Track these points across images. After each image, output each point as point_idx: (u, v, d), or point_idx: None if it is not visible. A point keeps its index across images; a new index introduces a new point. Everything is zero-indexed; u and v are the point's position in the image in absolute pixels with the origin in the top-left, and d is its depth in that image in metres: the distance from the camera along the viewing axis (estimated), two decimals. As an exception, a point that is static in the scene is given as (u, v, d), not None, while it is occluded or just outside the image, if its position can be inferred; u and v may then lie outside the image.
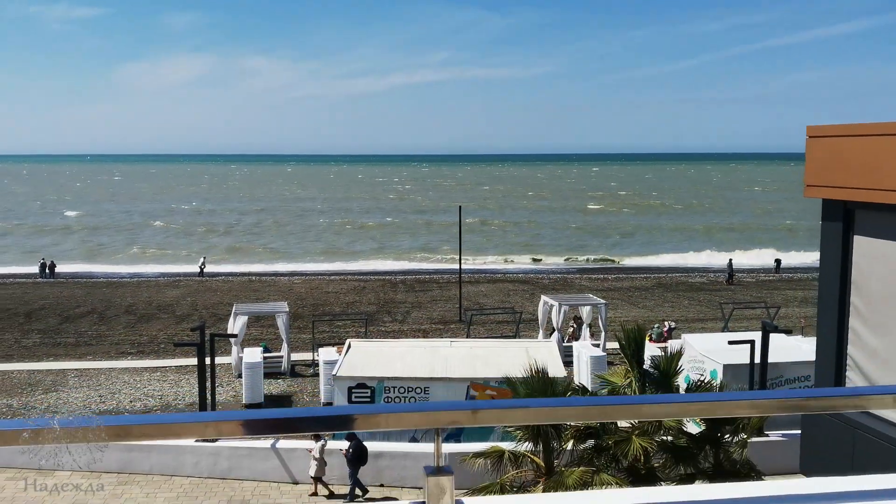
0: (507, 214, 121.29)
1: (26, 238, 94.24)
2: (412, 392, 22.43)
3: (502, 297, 49.56)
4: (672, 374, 15.84)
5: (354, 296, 50.71)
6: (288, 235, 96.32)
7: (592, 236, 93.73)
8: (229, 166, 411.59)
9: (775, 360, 22.53)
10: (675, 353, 15.87)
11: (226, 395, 28.39)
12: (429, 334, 38.82)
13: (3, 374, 31.50)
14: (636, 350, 15.94)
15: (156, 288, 54.35)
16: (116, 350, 35.98)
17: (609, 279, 59.05)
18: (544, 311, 34.35)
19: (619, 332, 34.46)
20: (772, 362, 22.03)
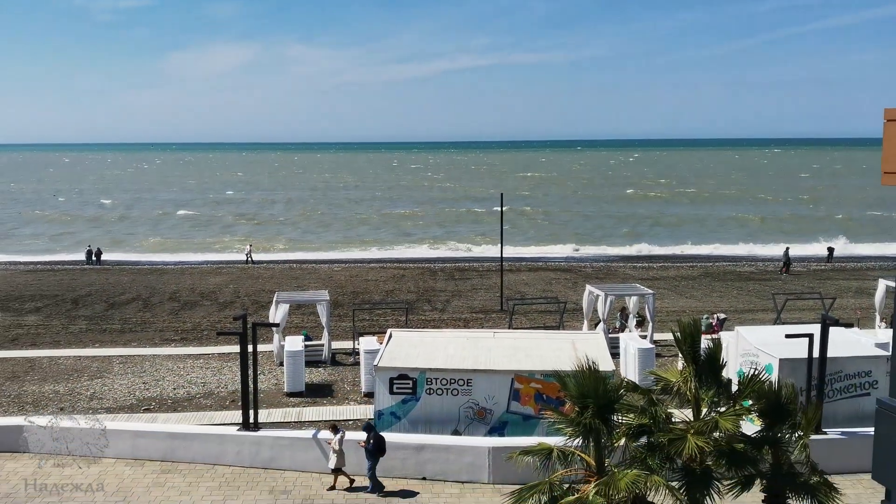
0: (548, 201, 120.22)
1: (71, 226, 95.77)
2: (454, 384, 22.03)
3: (544, 286, 48.91)
4: (720, 368, 15.18)
5: (394, 284, 50.47)
6: (327, 223, 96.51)
7: (635, 224, 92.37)
8: (272, 154, 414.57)
9: (834, 354, 21.73)
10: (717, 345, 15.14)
11: (267, 383, 28.29)
12: (469, 323, 38.42)
13: (50, 360, 31.79)
14: (692, 345, 15.29)
15: (199, 275, 54.66)
16: (160, 337, 36.14)
17: (654, 268, 58.01)
18: (589, 301, 33.68)
19: (671, 325, 33.81)
20: (831, 357, 21.24)
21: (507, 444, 20.20)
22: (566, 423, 14.73)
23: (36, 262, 63.98)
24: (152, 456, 21.22)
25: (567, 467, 15.08)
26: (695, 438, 14.18)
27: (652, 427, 14.95)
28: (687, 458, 14.32)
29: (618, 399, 14.68)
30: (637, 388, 16.28)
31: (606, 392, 14.55)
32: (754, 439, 15.17)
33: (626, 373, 27.96)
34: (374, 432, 19.79)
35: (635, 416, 14.98)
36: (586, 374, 14.84)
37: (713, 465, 14.74)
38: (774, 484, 14.92)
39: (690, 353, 15.13)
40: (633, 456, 14.91)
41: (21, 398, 26.98)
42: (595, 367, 15.07)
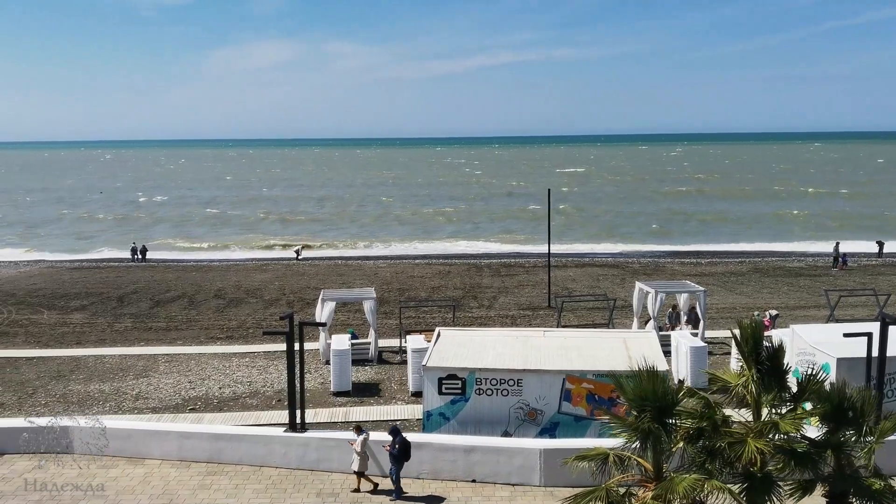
0: (592, 197, 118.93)
1: (113, 224, 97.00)
2: (504, 384, 21.49)
3: (591, 283, 48.10)
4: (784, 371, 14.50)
5: (439, 280, 50.03)
6: (371, 219, 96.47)
7: (681, 219, 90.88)
8: (314, 150, 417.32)
9: (893, 353, 20.82)
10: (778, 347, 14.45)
11: (314, 383, 28.01)
12: (517, 321, 37.81)
13: (96, 359, 31.89)
14: (754, 346, 14.60)
15: (244, 272, 54.82)
16: (206, 335, 36.11)
17: (702, 264, 56.84)
18: (639, 298, 32.89)
19: (722, 322, 32.91)
20: (890, 356, 20.43)
21: (558, 446, 19.66)
22: (623, 426, 14.19)
23: (81, 259, 64.87)
24: (198, 457, 20.99)
25: (623, 472, 14.58)
26: (755, 442, 13.63)
27: (711, 430, 14.36)
28: (747, 462, 13.73)
29: (677, 402, 14.10)
30: (694, 392, 15.66)
31: (665, 395, 13.96)
32: (817, 442, 14.51)
33: (678, 372, 27.20)
34: (400, 436, 19.32)
35: (694, 420, 14.39)
36: (644, 376, 14.25)
37: (773, 469, 14.10)
38: (837, 488, 14.29)
39: (752, 355, 14.48)
40: (691, 460, 14.35)
41: (66, 398, 27.02)
42: (654, 369, 14.47)
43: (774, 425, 13.99)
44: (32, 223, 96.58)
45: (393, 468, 19.19)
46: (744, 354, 14.60)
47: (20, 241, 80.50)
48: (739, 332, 14.85)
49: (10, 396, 27.19)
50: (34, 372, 30.13)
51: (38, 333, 36.55)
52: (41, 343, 34.79)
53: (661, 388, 14.07)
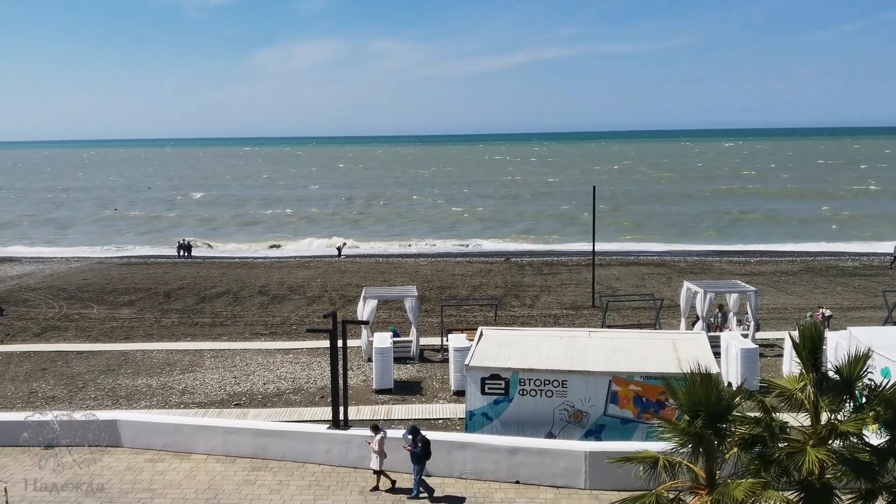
0: (637, 194, 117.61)
1: (160, 221, 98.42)
2: (549, 385, 21.19)
3: (637, 282, 47.46)
4: (855, 379, 13.96)
5: (481, 278, 49.79)
6: (411, 217, 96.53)
7: (728, 217, 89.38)
8: (357, 148, 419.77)
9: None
10: (862, 355, 13.90)
11: (356, 380, 27.99)
12: (560, 320, 37.43)
13: (143, 354, 32.27)
14: (813, 350, 14.13)
15: (287, 269, 55.16)
16: (250, 331, 36.35)
17: (751, 262, 55.75)
18: (687, 298, 32.32)
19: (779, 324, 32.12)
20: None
21: (604, 449, 19.33)
22: (674, 430, 13.83)
23: (130, 255, 65.90)
24: (243, 453, 21.07)
25: (673, 478, 14.20)
26: (814, 451, 13.16)
27: (767, 437, 13.93)
28: (807, 472, 13.28)
29: (732, 407, 13.71)
30: (752, 395, 15.24)
31: (719, 400, 13.57)
32: (879, 449, 13.98)
33: (728, 375, 26.60)
34: (421, 436, 19.15)
35: (749, 426, 13.97)
36: (696, 379, 13.87)
37: (832, 478, 13.64)
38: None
39: (811, 360, 14.02)
40: (745, 468, 13.93)
41: (115, 392, 27.37)
42: (707, 372, 14.10)
43: (834, 429, 13.55)
44: (80, 220, 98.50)
45: (415, 468, 19.04)
46: (802, 358, 14.16)
47: (68, 238, 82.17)
48: (798, 334, 14.42)
49: (61, 390, 27.63)
50: (84, 366, 30.60)
51: (88, 328, 37.14)
52: (91, 337, 35.34)
53: (715, 392, 13.70)
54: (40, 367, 30.58)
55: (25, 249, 72.35)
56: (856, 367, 13.95)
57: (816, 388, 13.81)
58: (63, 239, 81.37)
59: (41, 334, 36.06)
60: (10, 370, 30.16)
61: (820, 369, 13.97)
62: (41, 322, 38.45)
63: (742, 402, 14.34)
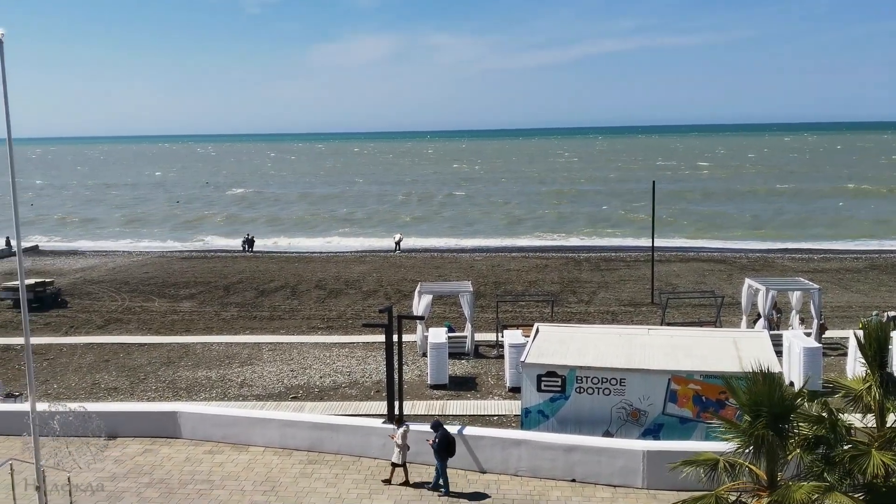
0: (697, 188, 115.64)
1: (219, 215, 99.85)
2: (606, 383, 20.90)
3: (697, 278, 46.63)
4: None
5: (537, 274, 49.48)
6: (468, 211, 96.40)
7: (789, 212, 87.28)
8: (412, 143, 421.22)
9: None
10: None
11: (411, 375, 28.04)
12: (618, 317, 36.96)
13: (204, 346, 32.82)
14: (879, 350, 13.68)
15: (343, 263, 55.59)
16: (307, 325, 36.71)
17: (814, 259, 54.36)
18: (748, 296, 31.63)
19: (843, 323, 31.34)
20: None
21: (663, 449, 19.01)
22: (735, 431, 13.52)
23: (190, 250, 67.12)
24: (300, 445, 21.25)
25: (734, 479, 13.91)
26: (880, 454, 12.75)
27: (830, 439, 13.52)
28: (871, 476, 12.87)
29: (794, 408, 13.34)
30: (815, 395, 14.82)
31: (782, 400, 13.21)
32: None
33: (790, 374, 25.95)
34: (442, 430, 19.08)
35: (812, 427, 13.58)
36: (758, 378, 13.53)
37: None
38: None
39: (876, 359, 13.57)
40: (807, 469, 13.56)
41: (175, 384, 27.89)
42: (769, 372, 13.74)
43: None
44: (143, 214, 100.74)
45: (438, 463, 18.95)
46: (867, 358, 13.72)
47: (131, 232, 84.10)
48: (863, 333, 13.97)
49: (123, 381, 28.27)
50: (146, 358, 31.26)
51: (150, 321, 37.94)
52: (152, 330, 36.10)
53: (777, 391, 13.35)
54: (103, 358, 31.34)
55: (89, 243, 74.28)
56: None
57: (882, 389, 13.40)
58: (128, 233, 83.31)
59: (104, 326, 36.96)
60: (74, 361, 30.97)
61: (886, 370, 13.55)
62: (104, 314, 39.42)
63: (805, 402, 13.96)
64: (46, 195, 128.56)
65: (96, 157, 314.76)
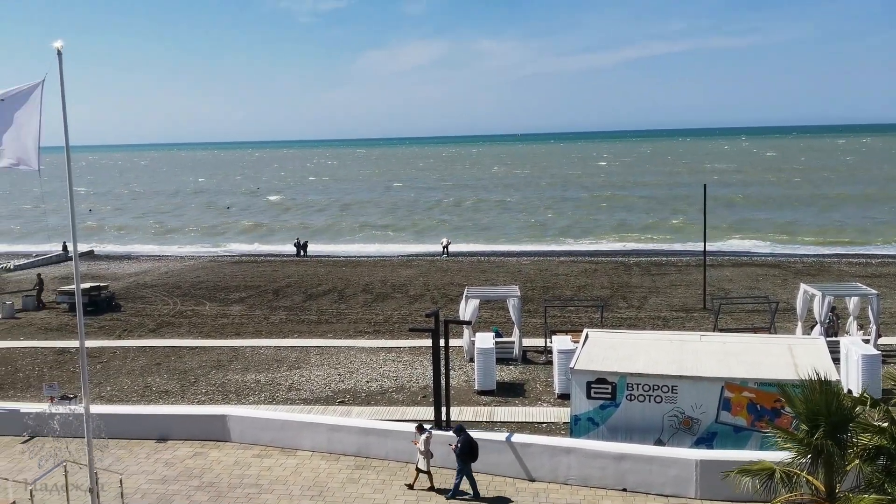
0: (748, 192, 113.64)
1: (270, 220, 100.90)
2: (658, 390, 20.49)
3: (750, 283, 45.68)
4: None
5: (585, 279, 48.97)
6: (516, 215, 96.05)
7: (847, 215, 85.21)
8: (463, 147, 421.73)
9: None
10: None
11: (458, 380, 27.89)
12: (669, 323, 36.35)
13: (253, 350, 33.10)
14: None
15: (390, 267, 55.71)
16: (354, 329, 36.80)
17: (872, 264, 52.93)
18: (804, 301, 30.85)
19: None
20: None
21: (716, 458, 18.57)
22: (791, 441, 13.14)
23: (241, 254, 67.95)
24: (347, 450, 21.24)
25: (791, 490, 13.52)
26: (944, 464, 12.26)
27: (892, 449, 13.06)
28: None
29: (853, 416, 12.92)
30: (875, 403, 14.33)
31: (840, 409, 12.81)
32: None
33: (848, 382, 25.23)
34: (465, 434, 18.87)
35: (872, 436, 13.12)
36: (815, 387, 13.13)
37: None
38: None
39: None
40: (868, 481, 13.13)
41: (225, 387, 28.14)
42: (827, 380, 13.33)
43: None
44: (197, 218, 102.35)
45: (460, 467, 18.77)
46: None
47: (184, 237, 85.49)
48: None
49: (174, 384, 28.62)
50: (196, 361, 31.63)
51: (201, 324, 38.42)
52: (203, 333, 36.54)
53: (835, 400, 12.94)
54: (155, 361, 31.79)
55: (142, 247, 75.73)
56: None
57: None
58: (179, 237, 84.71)
59: (156, 330, 37.52)
60: (127, 364, 31.47)
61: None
62: (156, 318, 40.03)
63: (864, 411, 13.51)
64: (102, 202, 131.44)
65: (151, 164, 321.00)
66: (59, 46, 14.59)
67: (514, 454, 19.87)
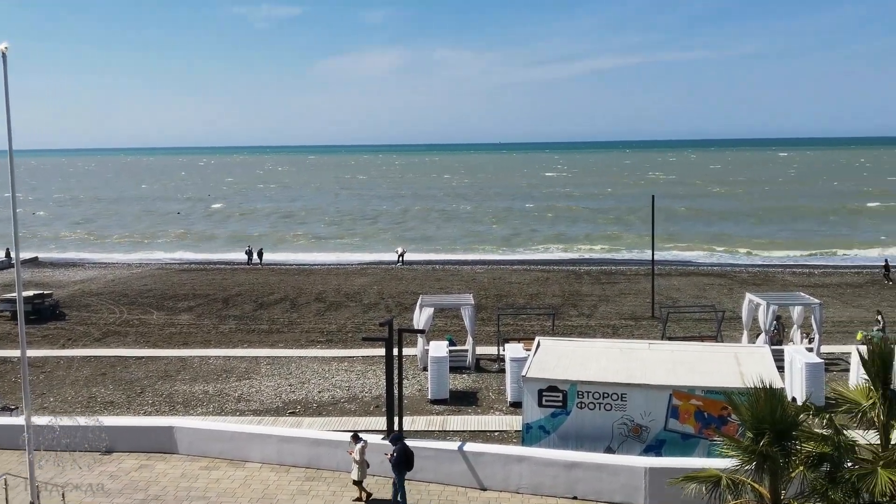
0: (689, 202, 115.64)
1: (220, 226, 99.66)
2: (607, 398, 20.69)
3: (697, 292, 46.46)
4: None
5: (538, 287, 49.30)
6: (469, 224, 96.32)
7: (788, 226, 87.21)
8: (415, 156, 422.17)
9: None
10: None
11: (411, 389, 27.83)
12: (619, 331, 36.78)
13: (201, 360, 32.62)
14: (882, 368, 13.56)
15: (344, 276, 55.41)
16: (306, 338, 36.50)
17: (815, 274, 54.23)
18: (749, 310, 31.47)
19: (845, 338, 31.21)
20: None
21: (665, 465, 18.78)
22: (737, 448, 13.35)
23: (189, 261, 66.89)
24: (297, 462, 21.00)
25: (737, 497, 13.72)
26: (887, 473, 12.61)
27: (835, 456, 13.35)
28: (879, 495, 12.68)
29: (797, 424, 13.19)
30: (819, 411, 14.67)
31: (785, 417, 13.05)
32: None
33: (792, 389, 25.72)
34: (401, 444, 18.82)
35: (816, 444, 13.41)
36: (761, 395, 13.37)
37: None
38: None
39: (880, 376, 13.42)
40: (812, 487, 13.40)
41: (172, 398, 27.67)
42: (772, 388, 13.58)
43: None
44: (144, 226, 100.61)
45: (396, 478, 18.70)
46: (870, 374, 13.58)
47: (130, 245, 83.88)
48: (866, 349, 13.86)
49: (120, 395, 28.05)
50: (143, 371, 31.05)
51: (148, 333, 37.74)
52: (150, 343, 35.90)
53: (780, 408, 13.19)
54: (100, 371, 31.13)
55: (88, 255, 73.99)
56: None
57: (886, 406, 13.26)
58: (125, 245, 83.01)
59: (101, 339, 36.76)
60: (71, 374, 30.77)
61: (889, 386, 13.40)
62: (102, 327, 39.22)
63: (809, 418, 13.80)
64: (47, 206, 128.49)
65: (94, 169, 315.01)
66: (3, 49, 14.27)
67: (467, 463, 19.86)
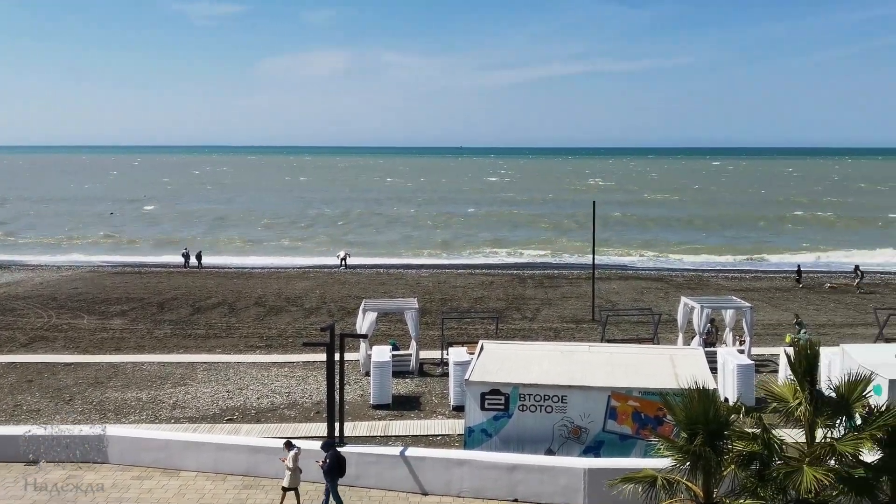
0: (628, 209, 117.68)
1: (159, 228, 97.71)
2: (548, 400, 20.86)
3: (636, 296, 47.24)
4: (854, 399, 13.77)
5: (482, 291, 49.52)
6: (414, 228, 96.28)
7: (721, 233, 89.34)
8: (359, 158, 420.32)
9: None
10: (863, 379, 13.82)
11: (353, 395, 27.62)
12: (560, 334, 37.15)
13: (135, 366, 31.83)
14: (808, 369, 14.00)
15: (286, 279, 54.79)
16: (245, 343, 35.95)
17: (746, 278, 55.78)
18: (684, 314, 32.11)
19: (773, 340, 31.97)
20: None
21: (604, 466, 19.03)
22: (672, 448, 13.61)
23: (123, 263, 65.28)
24: (235, 470, 20.65)
25: (672, 496, 14.00)
26: (812, 470, 13.01)
27: (764, 455, 13.73)
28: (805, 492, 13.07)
29: (729, 423, 13.53)
30: (751, 411, 15.03)
31: (717, 417, 13.37)
32: (873, 466, 13.81)
33: (724, 390, 26.31)
34: (333, 451, 18.72)
35: (746, 443, 13.77)
36: (695, 396, 13.65)
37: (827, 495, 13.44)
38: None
39: (806, 377, 13.85)
40: (742, 485, 13.78)
41: (103, 405, 26.86)
42: (705, 389, 13.87)
43: (832, 448, 13.38)
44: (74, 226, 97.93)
45: (328, 485, 18.59)
46: (797, 375, 13.99)
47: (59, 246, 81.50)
48: (793, 351, 14.28)
49: (46, 403, 27.15)
50: (72, 378, 30.14)
51: (78, 339, 36.68)
52: (80, 348, 34.85)
53: (713, 409, 13.48)
54: (26, 378, 30.09)
55: (12, 257, 71.22)
56: (856, 388, 13.85)
57: (812, 406, 13.66)
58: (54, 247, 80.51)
59: (28, 345, 35.56)
60: (-3, 382, 29.71)
61: (815, 387, 13.83)
62: (28, 332, 37.96)
63: (739, 418, 14.16)
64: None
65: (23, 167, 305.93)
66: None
67: (408, 468, 19.81)
